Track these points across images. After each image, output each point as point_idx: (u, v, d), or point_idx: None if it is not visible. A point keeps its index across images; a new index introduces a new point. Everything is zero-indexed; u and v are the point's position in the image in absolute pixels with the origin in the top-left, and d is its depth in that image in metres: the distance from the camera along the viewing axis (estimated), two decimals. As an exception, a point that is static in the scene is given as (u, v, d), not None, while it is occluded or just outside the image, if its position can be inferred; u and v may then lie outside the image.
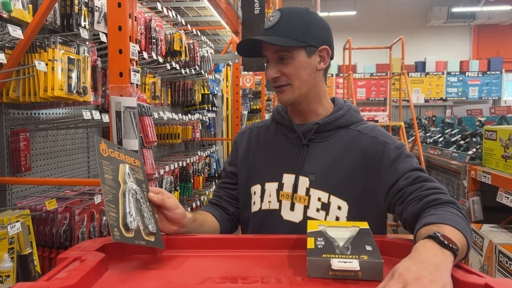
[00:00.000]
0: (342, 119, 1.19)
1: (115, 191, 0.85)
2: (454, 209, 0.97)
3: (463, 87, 12.32)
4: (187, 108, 3.95)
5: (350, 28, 12.46)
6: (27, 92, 1.55)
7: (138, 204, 0.89)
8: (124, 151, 0.94)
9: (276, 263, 0.85)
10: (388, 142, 1.15)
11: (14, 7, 1.45)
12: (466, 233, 0.87)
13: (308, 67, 1.15)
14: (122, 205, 0.84)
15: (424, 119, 5.58)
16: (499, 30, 13.05)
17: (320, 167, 1.14)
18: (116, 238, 0.79)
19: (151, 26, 2.40)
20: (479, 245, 2.38)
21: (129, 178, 0.90)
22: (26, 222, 1.44)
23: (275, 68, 1.14)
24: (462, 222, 0.91)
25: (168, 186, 2.66)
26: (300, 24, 1.13)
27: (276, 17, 1.13)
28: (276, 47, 1.12)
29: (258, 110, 6.67)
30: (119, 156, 0.91)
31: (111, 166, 0.87)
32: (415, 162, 1.13)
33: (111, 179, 0.86)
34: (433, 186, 1.06)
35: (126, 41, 1.40)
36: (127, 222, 0.83)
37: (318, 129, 1.17)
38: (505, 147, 2.44)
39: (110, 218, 0.80)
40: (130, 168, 0.92)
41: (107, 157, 0.87)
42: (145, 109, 1.54)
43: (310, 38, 1.13)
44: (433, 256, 0.74)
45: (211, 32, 4.29)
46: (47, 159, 1.92)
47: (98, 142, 0.87)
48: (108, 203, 0.81)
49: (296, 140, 1.20)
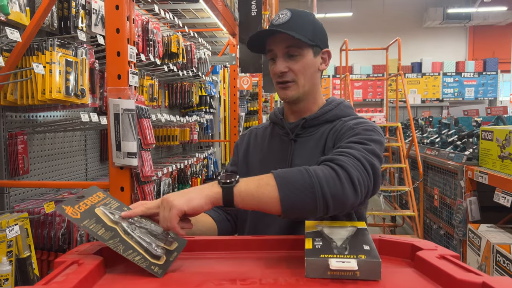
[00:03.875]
0: (329, 114, 1.21)
1: (118, 237, 0.83)
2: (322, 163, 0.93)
3: (459, 87, 12.37)
4: (184, 110, 3.95)
5: (346, 29, 12.50)
6: (24, 94, 1.55)
7: (143, 229, 0.88)
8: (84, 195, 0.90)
9: (274, 264, 0.86)
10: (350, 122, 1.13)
11: (12, 10, 1.46)
12: (279, 174, 0.89)
13: (313, 66, 1.18)
14: (136, 244, 0.84)
15: (421, 120, 5.60)
16: (495, 30, 13.12)
17: (307, 161, 1.15)
18: (160, 273, 0.79)
19: (149, 28, 2.40)
20: (477, 245, 2.39)
21: (114, 216, 0.88)
22: (25, 225, 1.44)
23: (283, 63, 1.16)
24: (292, 170, 0.91)
25: (166, 188, 2.66)
26: (310, 25, 1.16)
27: (287, 15, 1.15)
28: (287, 43, 1.14)
29: (256, 112, 6.68)
30: (86, 205, 0.87)
31: (93, 221, 0.84)
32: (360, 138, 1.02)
33: (105, 231, 0.83)
34: (339, 151, 0.97)
35: (124, 43, 1.41)
36: (154, 254, 0.83)
37: (305, 124, 1.20)
38: (501, 147, 2.45)
39: (139, 262, 0.80)
40: (103, 206, 0.90)
41: (82, 217, 0.83)
42: (143, 111, 1.54)
43: (317, 39, 1.18)
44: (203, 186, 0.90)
45: (208, 34, 4.30)
46: (45, 162, 1.92)
47: (63, 211, 0.82)
48: (126, 254, 0.81)
49: (285, 136, 1.24)
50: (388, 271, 0.79)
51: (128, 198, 1.46)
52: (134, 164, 1.44)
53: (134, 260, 0.80)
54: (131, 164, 1.43)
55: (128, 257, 0.80)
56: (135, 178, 1.51)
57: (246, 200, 0.89)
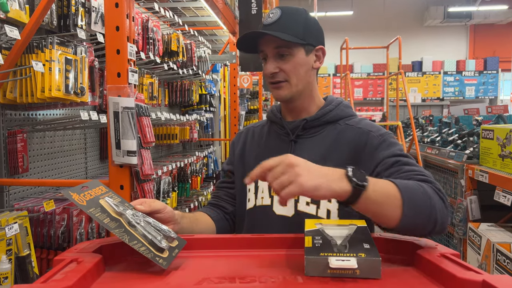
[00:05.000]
0: (330, 114, 1.20)
1: (123, 228, 0.84)
2: (417, 182, 0.94)
3: (460, 86, 12.35)
4: (184, 109, 3.94)
5: (347, 28, 12.48)
6: (24, 93, 1.54)
7: (147, 223, 0.89)
8: (89, 186, 0.91)
9: (274, 262, 0.85)
10: (372, 130, 1.15)
11: (11, 8, 1.45)
12: (402, 187, 0.86)
13: (305, 65, 1.17)
14: (141, 236, 0.84)
15: (421, 119, 5.58)
16: (495, 29, 13.10)
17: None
18: (165, 265, 0.80)
19: (148, 26, 2.40)
20: (477, 244, 2.39)
21: (118, 207, 0.89)
22: (24, 224, 1.44)
23: (274, 64, 1.15)
24: (408, 183, 0.89)
25: (166, 187, 2.66)
26: (300, 22, 1.15)
27: (277, 14, 1.14)
28: (277, 43, 1.13)
29: (256, 110, 6.68)
30: (90, 195, 0.88)
31: (98, 210, 0.85)
32: (398, 149, 1.10)
33: (110, 220, 0.85)
34: (411, 169, 1.02)
35: (123, 42, 1.40)
36: (159, 246, 0.83)
37: (306, 125, 1.20)
38: (502, 146, 2.45)
39: (144, 252, 0.80)
40: (108, 198, 0.91)
41: (88, 205, 0.85)
42: (143, 110, 1.54)
43: (309, 37, 1.16)
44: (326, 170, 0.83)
45: (208, 33, 4.29)
46: (44, 160, 1.92)
47: (70, 196, 0.84)
48: (132, 244, 0.81)
49: (284, 136, 1.23)
50: (388, 270, 0.79)
51: (128, 196, 1.46)
52: (133, 163, 1.44)
53: (140, 250, 0.81)
54: (130, 162, 1.43)
55: (134, 247, 0.81)
56: (134, 176, 1.50)
57: (369, 207, 0.84)
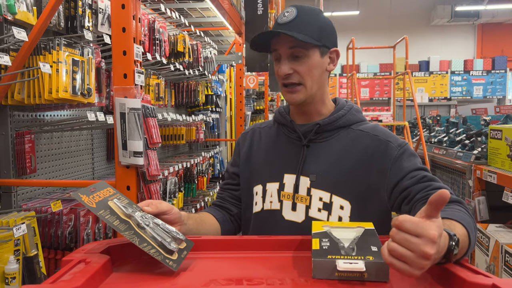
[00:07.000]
0: (343, 119, 1.18)
1: (133, 230, 0.84)
2: (461, 207, 0.97)
3: (468, 86, 12.25)
4: (190, 109, 3.95)
5: (353, 27, 12.43)
6: (31, 94, 1.55)
7: (156, 225, 0.89)
8: (97, 187, 0.92)
9: (281, 265, 0.85)
10: (390, 141, 1.14)
11: (19, 10, 1.46)
12: (471, 231, 0.87)
13: (320, 67, 1.14)
14: (150, 238, 0.85)
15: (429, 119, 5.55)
16: (504, 28, 12.98)
17: (320, 167, 1.14)
18: (175, 267, 0.80)
19: (155, 27, 2.40)
20: (485, 245, 2.37)
21: (127, 209, 0.89)
22: (32, 224, 1.45)
23: (288, 65, 1.12)
24: (468, 220, 0.90)
25: (172, 187, 2.67)
26: (317, 23, 1.11)
27: (293, 13, 1.10)
28: (292, 43, 1.10)
29: (262, 111, 6.68)
30: (99, 197, 0.89)
31: (108, 212, 0.86)
32: (418, 162, 1.12)
33: (120, 223, 0.85)
34: (440, 186, 1.06)
35: (130, 43, 1.41)
36: (168, 248, 0.83)
37: (319, 129, 1.17)
38: (510, 146, 2.42)
39: (154, 255, 0.81)
40: (117, 200, 0.91)
41: (98, 206, 0.85)
42: (150, 110, 1.54)
43: (325, 38, 1.13)
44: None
45: (214, 33, 4.30)
46: (52, 161, 1.93)
47: (79, 198, 0.84)
48: (142, 246, 0.81)
49: (296, 141, 1.20)
50: (396, 273, 0.78)
51: (134, 197, 1.46)
52: (140, 163, 1.44)
53: (150, 252, 0.81)
54: (137, 163, 1.43)
55: (144, 249, 0.81)
56: (141, 177, 1.51)
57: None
